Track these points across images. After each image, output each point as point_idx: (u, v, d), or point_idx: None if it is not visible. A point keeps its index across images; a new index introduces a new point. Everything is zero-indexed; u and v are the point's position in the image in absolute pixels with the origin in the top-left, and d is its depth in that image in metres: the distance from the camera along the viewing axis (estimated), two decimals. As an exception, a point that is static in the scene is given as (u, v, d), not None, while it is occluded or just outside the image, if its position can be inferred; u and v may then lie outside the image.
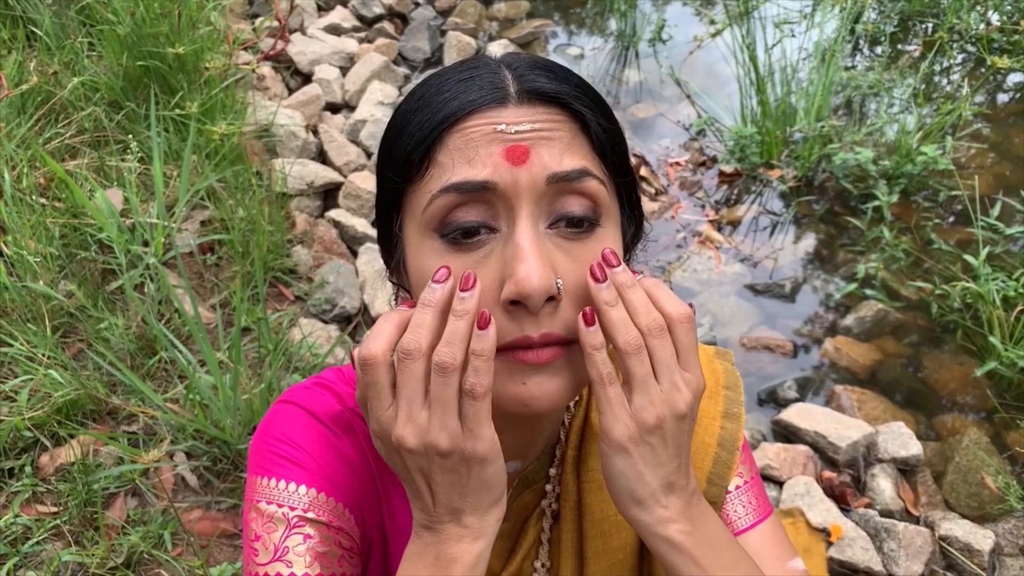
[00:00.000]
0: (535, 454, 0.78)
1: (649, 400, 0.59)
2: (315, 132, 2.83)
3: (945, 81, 3.38)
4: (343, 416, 0.75)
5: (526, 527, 0.79)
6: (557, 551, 0.80)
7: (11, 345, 1.85)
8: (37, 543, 1.61)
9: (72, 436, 1.77)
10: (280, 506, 0.70)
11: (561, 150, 0.58)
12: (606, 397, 0.60)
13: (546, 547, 0.80)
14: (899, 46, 3.53)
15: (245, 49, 3.10)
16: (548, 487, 0.79)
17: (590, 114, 0.60)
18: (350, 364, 0.81)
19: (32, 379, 1.79)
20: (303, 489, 0.71)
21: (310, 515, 0.70)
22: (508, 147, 0.57)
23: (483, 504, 0.60)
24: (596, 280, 0.59)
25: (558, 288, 0.58)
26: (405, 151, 0.60)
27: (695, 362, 0.61)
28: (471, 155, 0.57)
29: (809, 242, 2.65)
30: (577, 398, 0.80)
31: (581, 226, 0.60)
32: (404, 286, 0.68)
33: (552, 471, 0.79)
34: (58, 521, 1.64)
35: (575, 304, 0.60)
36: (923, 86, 3.22)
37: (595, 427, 0.77)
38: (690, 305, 0.63)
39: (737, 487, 0.80)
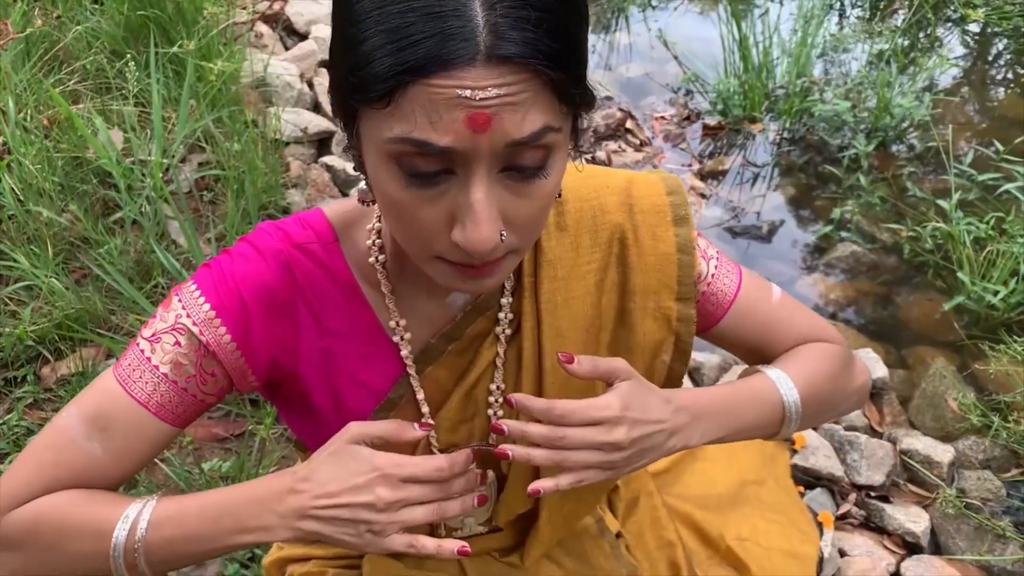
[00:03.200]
0: None
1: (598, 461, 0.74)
2: (311, 85, 2.92)
3: (924, 37, 3.45)
4: (283, 253, 0.79)
5: (480, 350, 0.85)
6: (515, 370, 0.86)
7: (16, 262, 1.94)
8: (39, 442, 1.70)
9: (73, 351, 1.86)
10: (183, 307, 0.77)
11: (524, 114, 0.58)
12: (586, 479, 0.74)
13: (500, 371, 0.86)
14: (881, 16, 3.60)
15: (243, 9, 3.18)
16: (501, 315, 0.84)
17: (559, 75, 0.59)
18: (310, 211, 0.85)
19: (34, 286, 1.87)
20: (207, 306, 0.76)
21: (194, 329, 0.76)
22: (471, 115, 0.57)
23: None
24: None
25: (502, 237, 0.64)
26: (363, 77, 0.58)
27: (592, 413, 0.74)
28: (434, 117, 0.57)
29: (789, 191, 2.73)
30: None
31: (530, 173, 0.63)
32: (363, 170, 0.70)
33: (504, 300, 0.84)
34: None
35: (517, 233, 0.66)
36: (903, 43, 3.30)
37: (547, 254, 0.84)
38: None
39: (715, 267, 0.89)
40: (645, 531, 1.20)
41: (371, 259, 0.80)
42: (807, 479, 1.79)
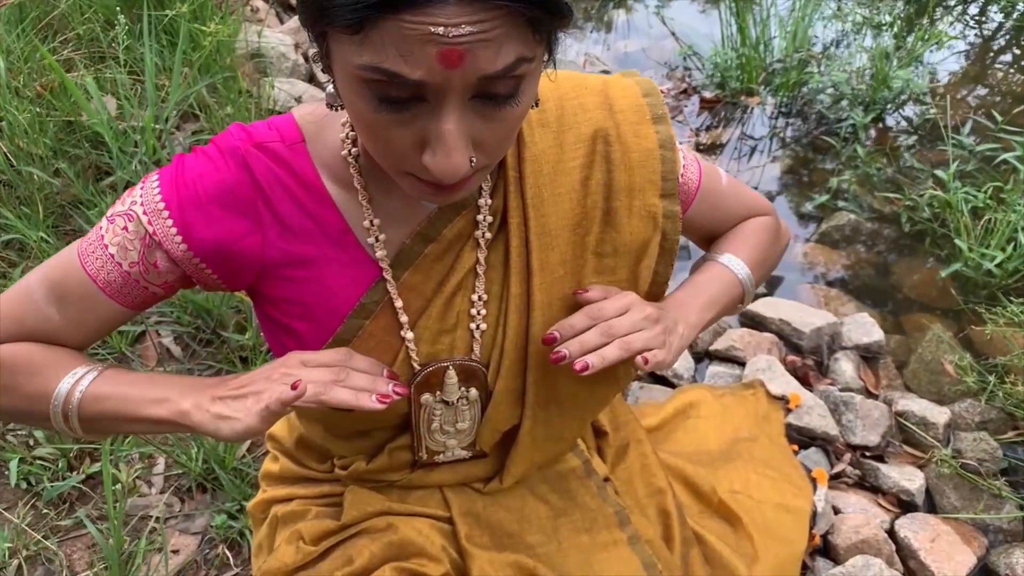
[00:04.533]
0: None
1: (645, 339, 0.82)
2: (306, 58, 2.90)
3: (922, 12, 3.43)
4: (239, 150, 0.78)
5: (460, 255, 0.83)
6: (500, 274, 0.85)
7: (6, 219, 1.93)
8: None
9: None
10: (141, 195, 0.78)
11: (497, 48, 0.57)
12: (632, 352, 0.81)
13: (482, 279, 0.84)
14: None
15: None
16: (480, 217, 0.82)
17: (535, 12, 0.58)
18: (282, 114, 0.84)
19: (25, 245, 1.86)
20: (158, 197, 0.77)
21: (143, 218, 0.77)
22: (443, 51, 0.56)
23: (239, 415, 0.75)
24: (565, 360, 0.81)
25: (471, 163, 0.64)
26: (331, 2, 0.56)
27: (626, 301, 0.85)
28: (405, 51, 0.56)
29: (786, 163, 2.71)
30: None
31: (502, 100, 0.62)
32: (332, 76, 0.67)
33: (481, 201, 0.82)
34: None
35: (486, 154, 0.66)
36: (901, 16, 3.28)
37: (531, 148, 0.82)
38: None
39: (683, 159, 0.93)
40: (635, 478, 1.19)
41: (343, 152, 0.79)
42: (802, 439, 1.77)
